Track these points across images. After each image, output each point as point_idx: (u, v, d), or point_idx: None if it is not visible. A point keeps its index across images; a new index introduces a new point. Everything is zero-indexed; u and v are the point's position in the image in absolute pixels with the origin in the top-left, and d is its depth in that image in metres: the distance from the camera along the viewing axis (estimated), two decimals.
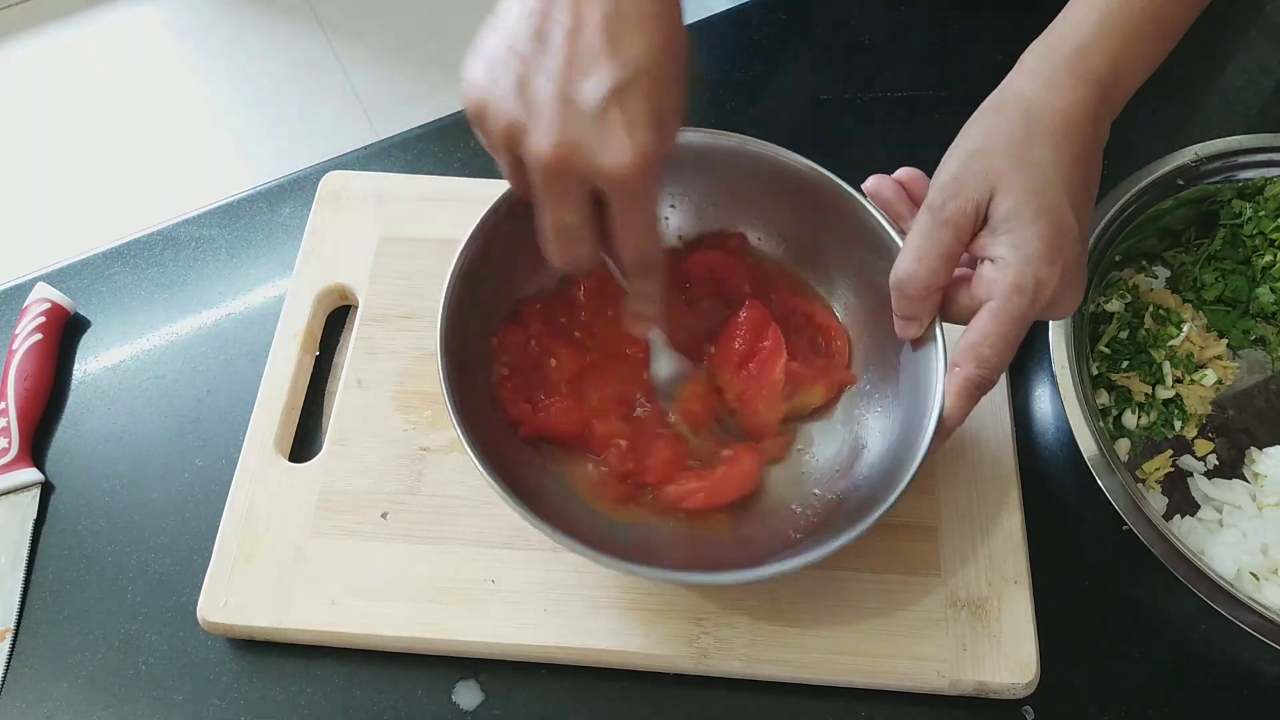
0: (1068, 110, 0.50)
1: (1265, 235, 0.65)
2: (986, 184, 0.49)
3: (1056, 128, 0.50)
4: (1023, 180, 0.48)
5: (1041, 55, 0.52)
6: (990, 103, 0.52)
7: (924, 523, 0.57)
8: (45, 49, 2.05)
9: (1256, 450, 0.62)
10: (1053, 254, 0.47)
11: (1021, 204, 0.48)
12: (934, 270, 0.50)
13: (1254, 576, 0.56)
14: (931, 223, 0.50)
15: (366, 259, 0.67)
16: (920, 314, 0.52)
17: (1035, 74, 0.52)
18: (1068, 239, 0.48)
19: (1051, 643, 0.54)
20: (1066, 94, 0.50)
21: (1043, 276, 0.47)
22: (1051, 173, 0.49)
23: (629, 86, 0.42)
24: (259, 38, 2.07)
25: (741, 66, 0.79)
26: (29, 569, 0.58)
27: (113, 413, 0.64)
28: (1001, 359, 0.48)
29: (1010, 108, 0.51)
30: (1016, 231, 0.48)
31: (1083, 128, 0.50)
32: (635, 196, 0.44)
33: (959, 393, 0.49)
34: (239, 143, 1.94)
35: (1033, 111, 0.50)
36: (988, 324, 0.48)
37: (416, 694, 0.54)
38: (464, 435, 0.49)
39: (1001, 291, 0.48)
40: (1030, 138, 0.49)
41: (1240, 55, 0.81)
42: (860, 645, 0.54)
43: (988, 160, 0.49)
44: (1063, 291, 0.48)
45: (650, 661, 0.54)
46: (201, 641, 0.56)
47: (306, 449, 0.62)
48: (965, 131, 0.51)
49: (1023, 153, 0.49)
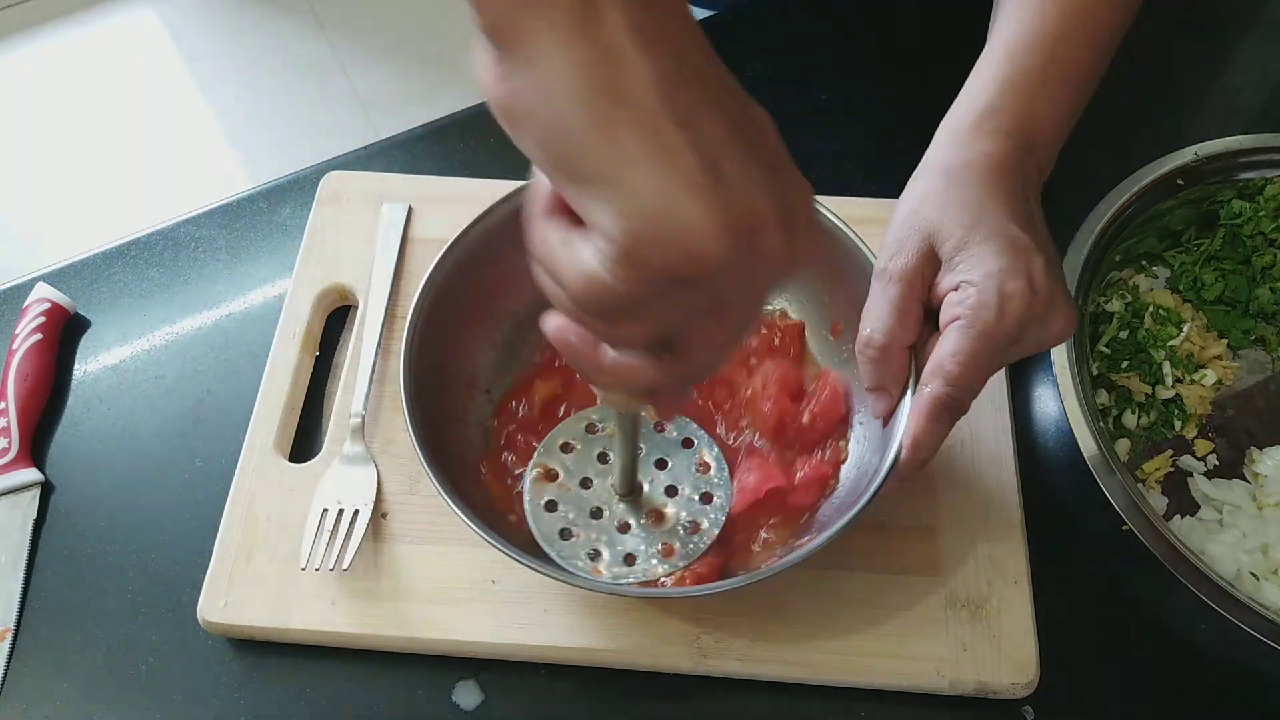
0: (985, 159, 0.50)
1: (1265, 235, 0.65)
2: (924, 236, 0.49)
3: (978, 174, 0.50)
4: (959, 217, 0.48)
5: (951, 127, 0.53)
6: (912, 177, 0.52)
7: (923, 523, 0.57)
8: (45, 49, 2.05)
9: (1256, 450, 0.62)
10: (1015, 267, 0.46)
11: (966, 235, 0.47)
12: (890, 328, 0.48)
13: (1254, 576, 0.56)
14: (879, 284, 0.49)
15: (366, 259, 0.67)
16: (887, 382, 0.50)
17: (947, 143, 0.52)
18: (1027, 253, 0.47)
19: (1051, 643, 0.54)
20: (981, 148, 0.50)
21: (1008, 289, 0.46)
22: (986, 204, 0.48)
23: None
24: (259, 38, 2.07)
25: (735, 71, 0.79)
26: (29, 569, 0.58)
27: (113, 413, 0.64)
28: (970, 377, 0.47)
29: (929, 172, 0.51)
30: (971, 257, 0.47)
31: (1007, 172, 0.50)
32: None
33: (926, 414, 0.47)
34: (239, 143, 1.94)
35: (951, 170, 0.50)
36: (955, 341, 0.46)
37: (416, 694, 0.54)
38: (439, 486, 0.50)
39: (969, 308, 0.46)
40: (954, 185, 0.49)
41: (1240, 55, 0.81)
42: (860, 645, 0.54)
43: (919, 217, 0.49)
44: (1039, 312, 0.46)
45: (650, 661, 0.54)
46: (201, 641, 0.56)
47: (306, 449, 0.62)
48: (895, 207, 0.51)
49: (951, 198, 0.49)
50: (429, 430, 0.52)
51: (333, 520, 0.56)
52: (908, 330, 0.49)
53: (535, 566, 0.49)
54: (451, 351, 0.58)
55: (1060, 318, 0.48)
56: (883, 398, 0.50)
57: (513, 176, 0.62)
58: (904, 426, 0.49)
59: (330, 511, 0.57)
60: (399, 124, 0.78)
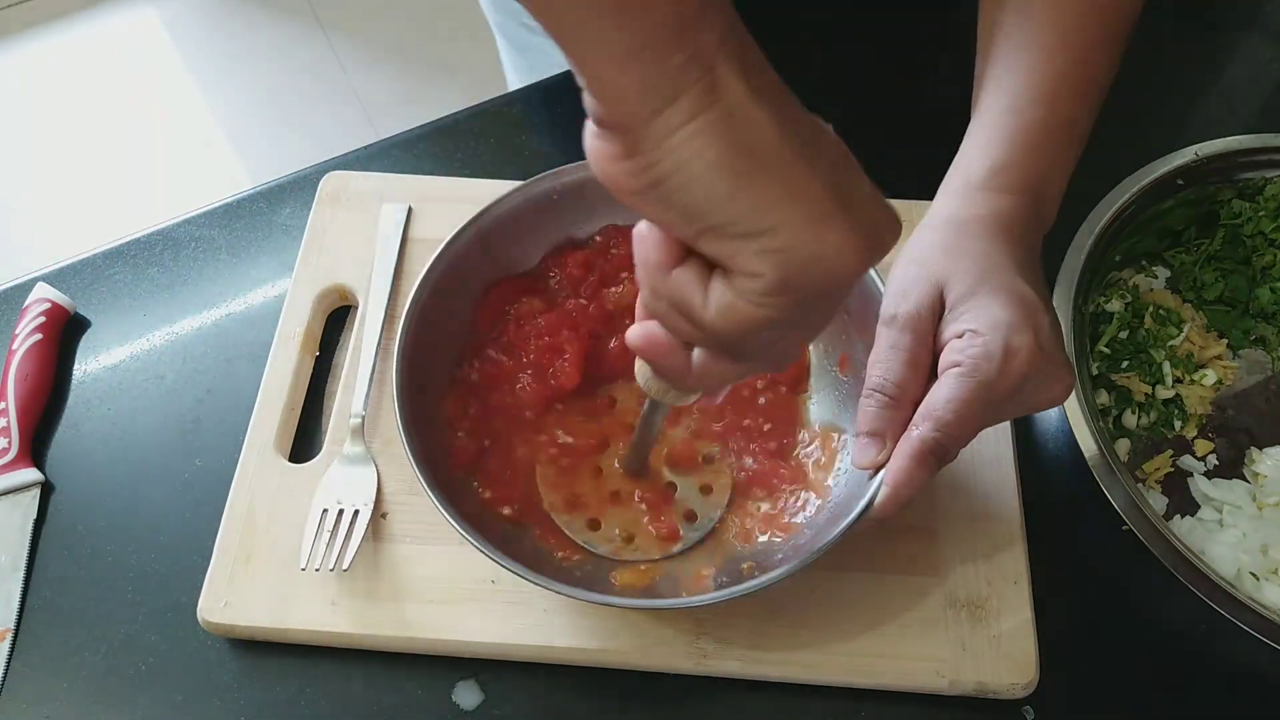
0: (994, 215, 0.50)
1: (1265, 235, 0.65)
2: (933, 283, 0.48)
3: (987, 226, 0.50)
4: (969, 267, 0.48)
5: (957, 185, 0.52)
6: (917, 228, 0.52)
7: (923, 523, 0.57)
8: (45, 49, 2.05)
9: (1256, 450, 0.62)
10: (1023, 322, 0.46)
11: (975, 285, 0.47)
12: (902, 379, 0.47)
13: (1254, 576, 0.56)
14: (890, 331, 0.48)
15: (366, 259, 0.67)
16: (885, 431, 0.48)
17: (955, 197, 0.52)
18: (1035, 309, 0.46)
19: (1051, 643, 0.54)
20: (990, 204, 0.50)
21: (1014, 344, 0.45)
22: (996, 258, 0.48)
23: None
24: (259, 38, 2.07)
25: None
26: (29, 569, 0.58)
27: (113, 413, 0.64)
28: (962, 425, 0.45)
29: (937, 224, 0.51)
30: (978, 307, 0.46)
31: (1016, 229, 0.50)
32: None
33: (912, 457, 0.46)
34: (239, 143, 1.94)
35: (960, 223, 0.50)
36: (953, 388, 0.45)
37: (416, 694, 0.54)
38: (435, 496, 0.50)
39: (971, 357, 0.45)
40: (963, 237, 0.49)
41: (1240, 55, 0.81)
42: (860, 645, 0.54)
43: (928, 264, 0.49)
44: (1041, 370, 0.46)
45: (650, 661, 0.54)
46: (201, 641, 0.56)
47: (306, 449, 0.62)
48: (900, 254, 0.51)
49: (961, 249, 0.49)
50: (422, 434, 0.52)
51: (333, 520, 0.56)
52: (919, 382, 0.48)
53: (530, 577, 0.48)
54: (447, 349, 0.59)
55: (1060, 380, 0.47)
56: (875, 444, 0.48)
57: (513, 176, 0.62)
58: (887, 466, 0.47)
59: (330, 511, 0.57)
60: (399, 124, 0.78)
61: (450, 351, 0.59)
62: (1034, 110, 0.52)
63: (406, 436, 0.51)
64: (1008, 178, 0.51)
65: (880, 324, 0.49)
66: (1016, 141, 0.52)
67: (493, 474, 0.57)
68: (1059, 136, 0.52)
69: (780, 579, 0.48)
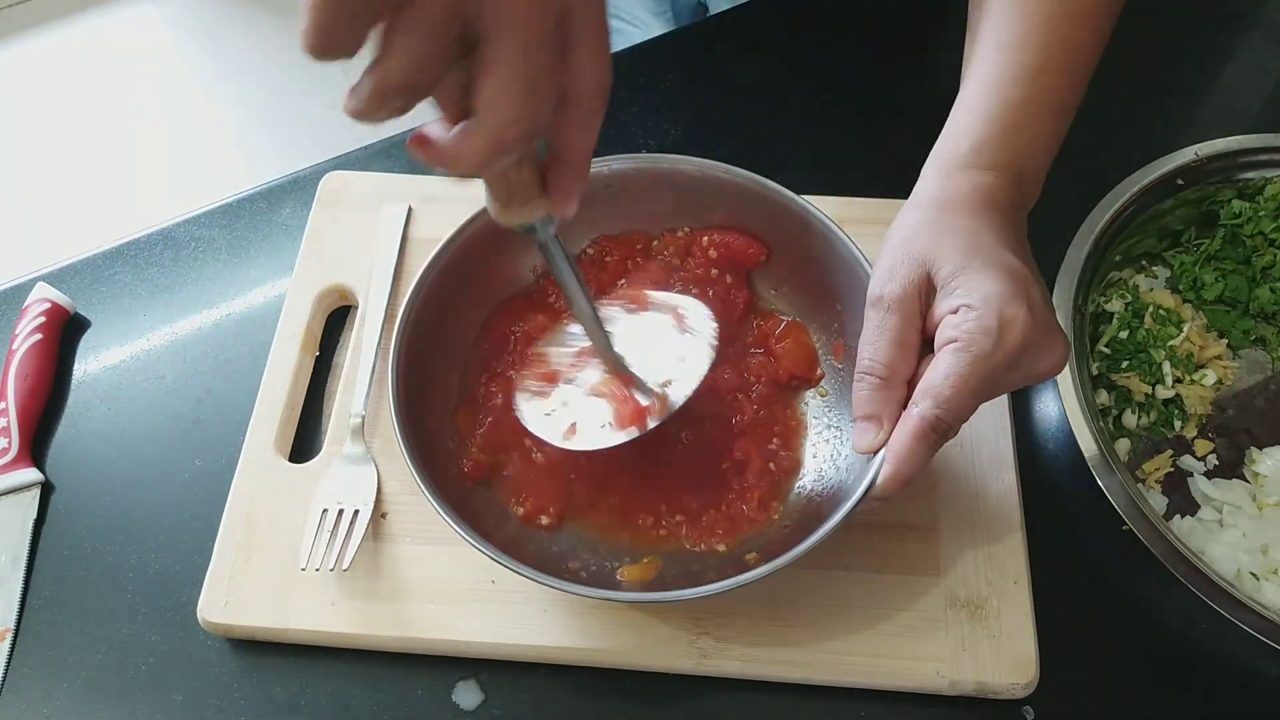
0: (977, 192, 0.50)
1: (1265, 235, 0.65)
2: (920, 262, 0.48)
3: (971, 204, 0.50)
4: (955, 243, 0.48)
5: (939, 163, 0.52)
6: (902, 209, 0.52)
7: (923, 522, 0.57)
8: (45, 49, 2.05)
9: (1256, 450, 0.62)
10: (1016, 293, 0.46)
11: (964, 261, 0.47)
12: (891, 360, 0.48)
13: (1254, 576, 0.56)
14: (877, 313, 0.49)
15: (366, 259, 0.67)
16: (880, 413, 0.48)
17: (937, 176, 0.52)
18: (1025, 281, 0.47)
19: (1051, 643, 0.54)
20: (972, 181, 0.50)
21: (1009, 315, 0.45)
22: (982, 233, 0.48)
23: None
24: (259, 38, 2.07)
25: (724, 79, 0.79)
26: (29, 569, 0.58)
27: (113, 413, 0.64)
28: (961, 401, 0.45)
29: (921, 204, 0.51)
30: (970, 282, 0.47)
31: (999, 204, 0.50)
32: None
33: (913, 434, 0.46)
34: (239, 143, 1.94)
35: (944, 202, 0.50)
36: (950, 363, 0.45)
37: (416, 694, 0.54)
38: (426, 490, 0.50)
39: (967, 332, 0.45)
40: (948, 215, 0.49)
41: (1240, 55, 0.81)
42: (860, 645, 0.54)
43: (913, 244, 0.49)
44: (1038, 340, 0.46)
45: (650, 661, 0.54)
46: (201, 641, 0.56)
47: (306, 449, 0.62)
48: (885, 236, 0.51)
49: (946, 227, 0.49)
50: (419, 436, 0.53)
51: (333, 520, 0.56)
52: (908, 361, 0.48)
53: (529, 574, 0.48)
54: (444, 351, 0.59)
55: (1056, 349, 0.47)
56: (873, 427, 0.48)
57: None
58: (888, 444, 0.48)
59: (330, 512, 0.57)
60: (399, 124, 0.77)
61: (450, 353, 0.59)
62: (1016, 88, 0.52)
63: (403, 436, 0.51)
64: (989, 155, 0.51)
65: (867, 306, 0.49)
66: (997, 119, 0.52)
67: (518, 485, 0.57)
68: (1042, 114, 0.52)
69: (784, 566, 0.48)
